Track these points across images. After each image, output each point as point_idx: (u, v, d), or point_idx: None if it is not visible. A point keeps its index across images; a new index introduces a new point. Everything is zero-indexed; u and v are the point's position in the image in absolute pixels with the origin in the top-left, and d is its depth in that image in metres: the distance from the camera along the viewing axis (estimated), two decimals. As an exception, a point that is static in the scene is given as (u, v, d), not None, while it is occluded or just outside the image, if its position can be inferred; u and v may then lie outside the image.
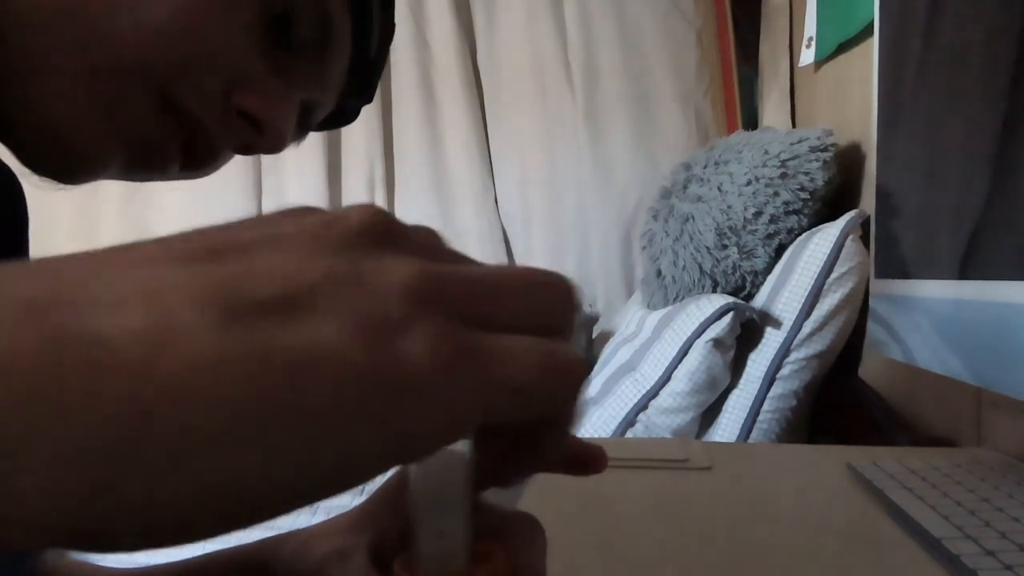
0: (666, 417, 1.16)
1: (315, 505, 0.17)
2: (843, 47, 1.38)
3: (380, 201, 2.36)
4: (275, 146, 0.41)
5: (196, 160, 0.41)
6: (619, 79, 2.15)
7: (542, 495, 0.64)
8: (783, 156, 1.27)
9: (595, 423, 1.22)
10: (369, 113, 2.32)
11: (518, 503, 0.28)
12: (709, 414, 1.18)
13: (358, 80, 0.46)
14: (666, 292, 1.39)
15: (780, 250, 1.25)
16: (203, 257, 0.16)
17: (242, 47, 0.39)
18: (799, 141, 1.28)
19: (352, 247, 0.17)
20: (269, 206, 2.43)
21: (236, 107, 0.39)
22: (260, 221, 0.18)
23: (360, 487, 0.17)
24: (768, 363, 1.12)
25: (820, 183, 1.25)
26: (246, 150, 0.42)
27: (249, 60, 0.39)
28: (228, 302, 0.15)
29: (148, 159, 0.40)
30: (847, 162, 1.29)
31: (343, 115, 0.50)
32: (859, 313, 1.11)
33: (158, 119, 0.38)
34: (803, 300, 1.11)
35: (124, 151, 0.39)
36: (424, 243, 0.20)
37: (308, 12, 0.40)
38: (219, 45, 0.38)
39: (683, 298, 1.33)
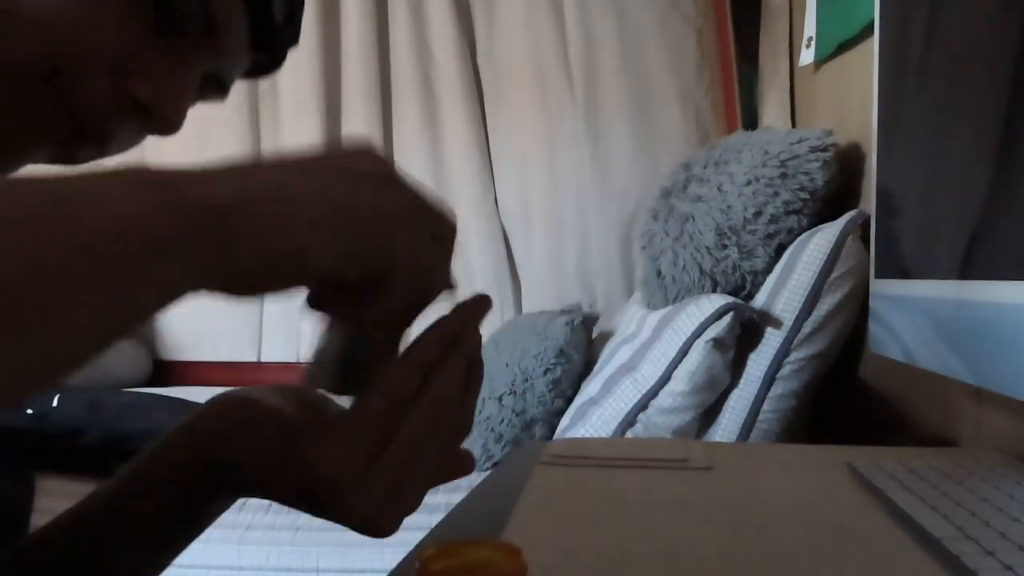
0: (666, 417, 1.16)
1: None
2: (843, 47, 1.38)
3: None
4: (166, 130, 0.41)
5: (90, 144, 0.41)
6: (619, 79, 2.15)
7: (542, 495, 0.64)
8: (783, 156, 1.27)
9: (595, 423, 1.22)
10: (369, 113, 2.32)
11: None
12: (709, 414, 1.18)
13: (269, 38, 0.45)
14: (666, 292, 1.39)
15: (780, 250, 1.25)
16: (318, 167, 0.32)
17: (127, 34, 0.38)
18: (799, 141, 1.28)
19: (382, 180, 0.33)
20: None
21: (126, 95, 0.39)
22: (331, 156, 0.33)
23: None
24: (768, 363, 1.12)
25: (820, 183, 1.24)
26: (140, 132, 0.42)
27: (135, 46, 0.39)
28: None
29: (51, 150, 0.40)
30: (847, 162, 1.29)
31: (267, 65, 0.48)
32: (859, 313, 1.11)
33: (54, 116, 0.38)
34: (803, 300, 1.11)
35: (27, 145, 0.39)
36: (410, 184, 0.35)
37: None
38: (102, 35, 0.38)
39: (683, 298, 1.33)
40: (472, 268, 2.29)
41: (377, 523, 0.35)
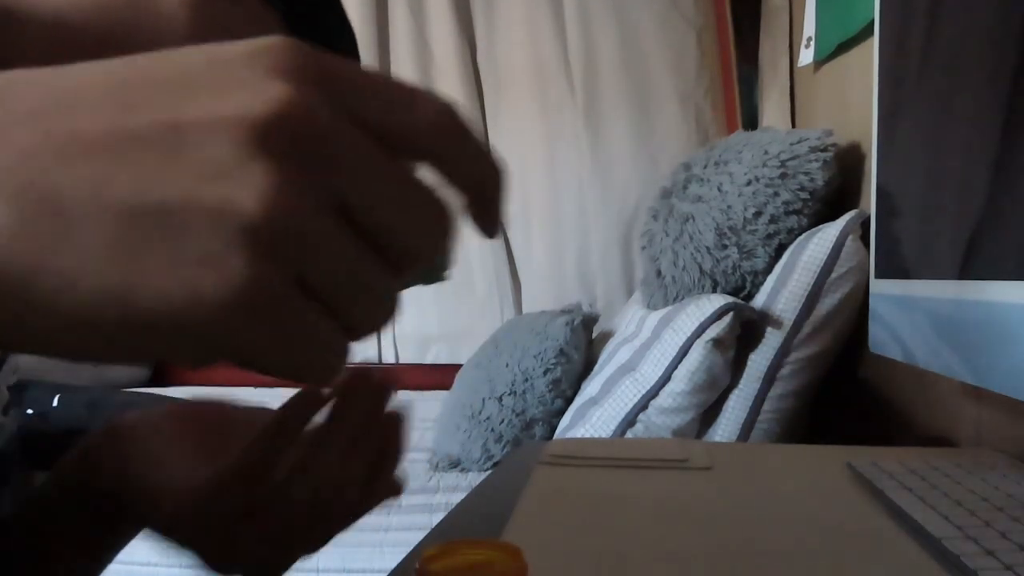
0: (666, 417, 1.16)
1: None
2: (843, 47, 1.38)
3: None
4: None
5: None
6: (619, 79, 2.15)
7: (542, 495, 0.64)
8: (783, 156, 1.27)
9: (595, 423, 1.22)
10: (369, 113, 2.33)
11: None
12: (709, 414, 1.17)
13: None
14: (666, 292, 1.39)
15: (780, 250, 1.25)
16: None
17: None
18: (799, 141, 1.28)
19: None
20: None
21: None
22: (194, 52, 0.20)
23: None
24: (768, 363, 1.12)
25: (820, 183, 1.24)
26: None
27: None
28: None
29: None
30: (847, 162, 1.29)
31: None
32: (859, 313, 1.11)
33: None
34: (803, 300, 1.11)
35: None
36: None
37: None
38: None
39: (683, 298, 1.33)
40: (472, 268, 2.29)
41: None
